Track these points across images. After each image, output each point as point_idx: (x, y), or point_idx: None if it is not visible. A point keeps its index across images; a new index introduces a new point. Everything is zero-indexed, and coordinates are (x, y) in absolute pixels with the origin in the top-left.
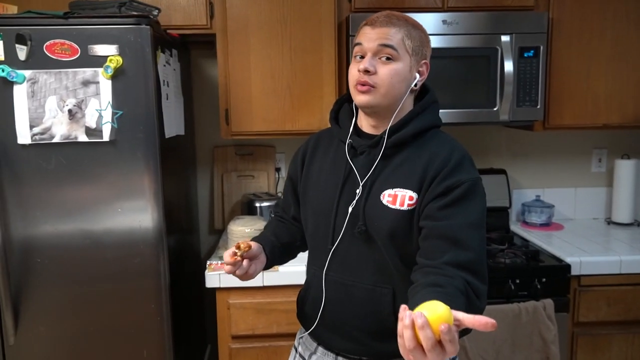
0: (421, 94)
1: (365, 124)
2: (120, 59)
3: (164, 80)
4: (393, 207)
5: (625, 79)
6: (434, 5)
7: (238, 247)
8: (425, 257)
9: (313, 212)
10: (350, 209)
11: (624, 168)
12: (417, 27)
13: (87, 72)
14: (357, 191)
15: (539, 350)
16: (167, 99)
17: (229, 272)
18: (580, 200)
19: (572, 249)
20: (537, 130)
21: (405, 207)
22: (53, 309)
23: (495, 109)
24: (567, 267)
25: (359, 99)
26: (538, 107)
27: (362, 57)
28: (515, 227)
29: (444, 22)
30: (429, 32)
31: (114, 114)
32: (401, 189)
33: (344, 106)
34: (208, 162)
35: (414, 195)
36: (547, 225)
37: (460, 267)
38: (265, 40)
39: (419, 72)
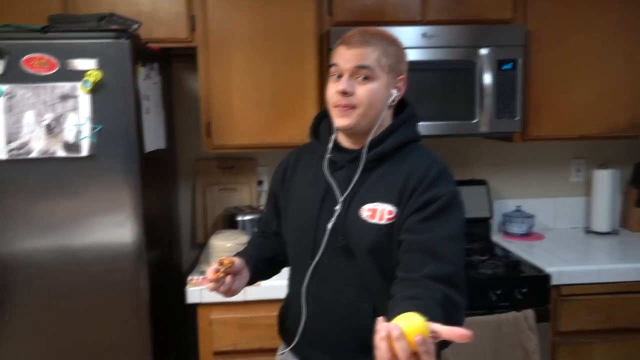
0: (400, 107)
1: (345, 139)
2: (99, 73)
3: (144, 94)
4: (372, 221)
5: (601, 90)
6: (414, 19)
7: (221, 264)
8: (405, 270)
9: (294, 227)
10: (329, 226)
11: (602, 178)
12: (393, 43)
13: (65, 87)
14: (336, 208)
15: None
16: (147, 112)
17: (212, 289)
18: (560, 210)
19: (552, 259)
20: (517, 142)
21: (384, 222)
22: (31, 326)
23: (475, 121)
24: (547, 277)
25: (338, 122)
26: (517, 118)
27: (339, 76)
28: (497, 238)
29: (424, 35)
30: (408, 45)
31: (92, 128)
32: (380, 203)
33: (323, 121)
34: (190, 175)
35: (393, 209)
36: (527, 235)
37: (439, 280)
38: (247, 53)
39: (396, 87)
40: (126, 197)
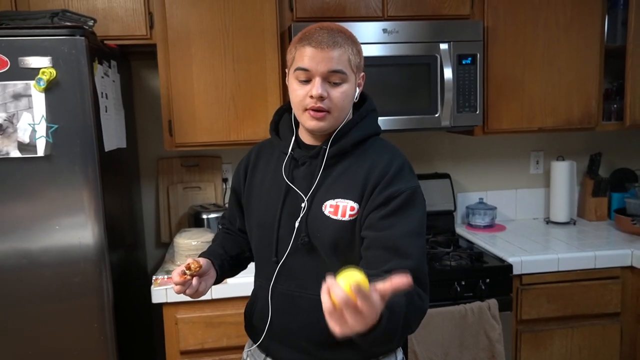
0: (359, 101)
1: (306, 135)
2: (53, 71)
3: (102, 93)
4: (335, 217)
5: (556, 83)
6: (375, 14)
7: (188, 268)
8: (367, 267)
9: (257, 224)
10: (297, 224)
11: (560, 169)
12: (355, 41)
13: (18, 85)
14: (303, 205)
15: (484, 349)
16: (106, 111)
17: (178, 292)
18: (520, 202)
19: (513, 249)
20: (478, 135)
21: (346, 218)
22: None
23: (436, 115)
24: (509, 267)
25: (312, 124)
26: (477, 112)
27: (307, 80)
28: (461, 230)
29: (385, 30)
30: (369, 40)
31: (48, 128)
32: (342, 200)
33: (283, 117)
34: (152, 174)
35: (355, 205)
36: (490, 226)
37: None
38: (208, 50)
39: (359, 84)
40: (86, 197)
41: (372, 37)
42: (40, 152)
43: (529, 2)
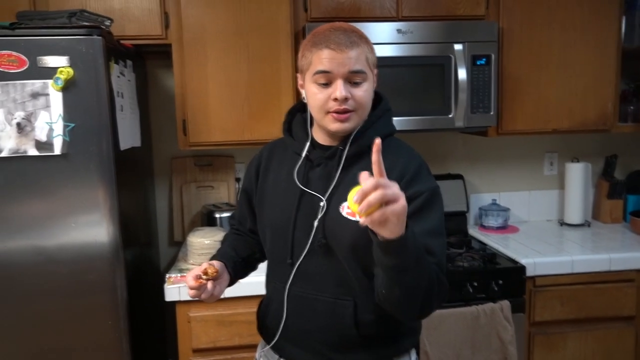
0: (374, 100)
1: (321, 135)
2: (71, 71)
3: (118, 92)
4: (353, 219)
5: (572, 85)
6: (389, 15)
7: (205, 272)
8: None
9: (270, 225)
10: (315, 223)
11: (574, 171)
12: (367, 39)
13: (36, 84)
14: (321, 204)
15: (497, 350)
16: (121, 110)
17: (193, 297)
18: (534, 203)
19: (527, 251)
20: (491, 136)
21: None
22: (4, 328)
23: (450, 115)
24: (522, 268)
25: (336, 126)
26: (491, 113)
27: (327, 83)
28: (473, 231)
29: (399, 31)
30: (384, 41)
31: (65, 126)
32: None
33: (296, 116)
34: (166, 173)
35: None
36: (503, 228)
37: None
38: (222, 50)
39: (374, 82)
40: (101, 195)
41: (386, 38)
42: (57, 150)
43: (545, 3)
